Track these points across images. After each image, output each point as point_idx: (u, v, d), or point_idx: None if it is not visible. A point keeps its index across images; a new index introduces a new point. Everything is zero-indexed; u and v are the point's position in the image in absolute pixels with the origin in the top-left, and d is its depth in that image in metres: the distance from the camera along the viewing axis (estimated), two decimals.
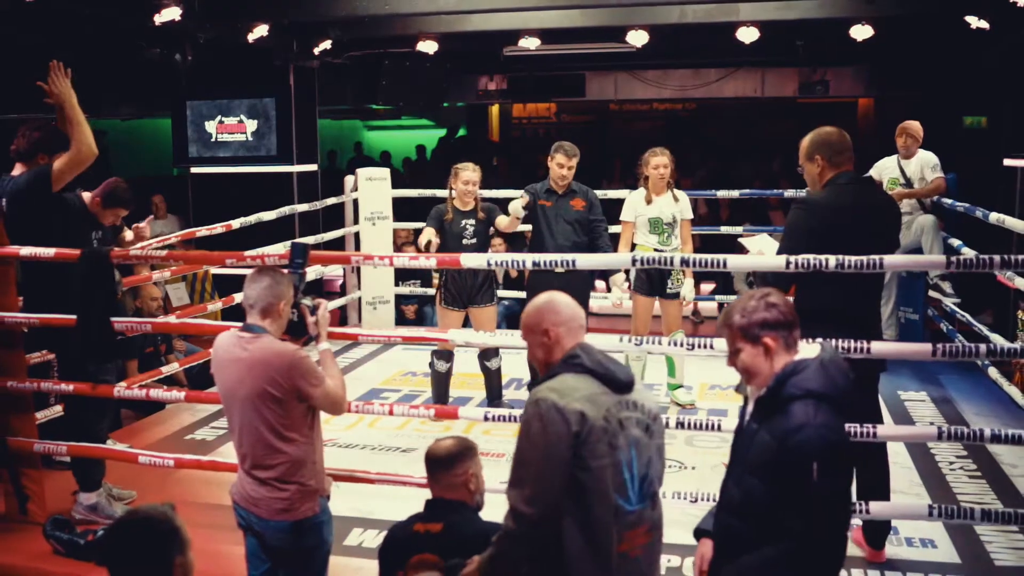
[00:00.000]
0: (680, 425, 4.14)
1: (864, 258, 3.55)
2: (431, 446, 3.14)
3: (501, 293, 8.55)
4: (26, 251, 4.37)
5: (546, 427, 2.60)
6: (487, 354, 6.15)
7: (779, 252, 3.88)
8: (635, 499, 2.66)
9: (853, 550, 4.23)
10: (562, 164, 6.00)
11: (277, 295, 3.42)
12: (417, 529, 3.02)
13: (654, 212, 6.17)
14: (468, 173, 6.07)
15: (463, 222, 6.05)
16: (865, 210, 3.93)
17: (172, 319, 5.75)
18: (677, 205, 6.23)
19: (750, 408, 2.74)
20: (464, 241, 6.03)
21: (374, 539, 4.42)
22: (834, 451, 2.51)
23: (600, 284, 8.82)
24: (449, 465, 3.08)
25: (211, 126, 9.06)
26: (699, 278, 9.50)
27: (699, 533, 2.91)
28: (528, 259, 4.21)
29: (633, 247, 6.25)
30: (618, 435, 2.65)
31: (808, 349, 2.69)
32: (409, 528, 3.05)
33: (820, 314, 3.81)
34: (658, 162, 6.14)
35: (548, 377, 2.75)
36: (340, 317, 8.69)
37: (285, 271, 3.59)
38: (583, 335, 2.84)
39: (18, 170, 4.54)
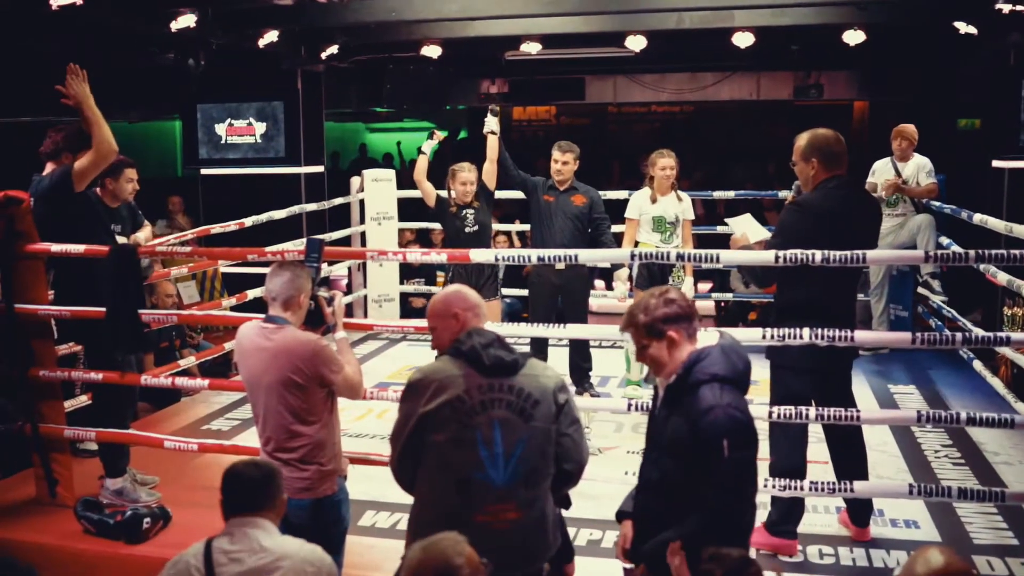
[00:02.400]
0: None
1: (848, 252, 3.78)
2: None
3: (502, 290, 8.77)
4: (57, 248, 4.59)
5: (404, 401, 3.00)
6: None
7: (770, 248, 4.11)
8: (500, 476, 2.91)
9: (840, 530, 4.49)
10: (556, 160, 6.25)
11: (298, 288, 3.65)
12: None
13: (658, 211, 6.38)
14: (465, 174, 6.27)
15: (464, 212, 6.28)
16: (851, 214, 4.14)
17: (196, 313, 5.97)
18: (680, 205, 6.43)
19: (660, 396, 2.96)
20: (467, 229, 6.25)
21: (387, 520, 4.65)
22: (741, 427, 2.75)
23: (599, 283, 9.04)
24: None
25: (221, 128, 9.28)
26: (696, 277, 9.70)
27: (620, 515, 3.12)
28: (533, 254, 4.43)
29: (636, 245, 6.45)
30: (475, 415, 2.92)
31: (707, 337, 2.93)
32: None
33: (799, 308, 4.06)
34: (665, 163, 6.35)
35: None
36: (346, 315, 8.89)
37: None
38: (484, 323, 3.14)
39: (48, 170, 4.76)
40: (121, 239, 5.03)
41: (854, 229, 4.10)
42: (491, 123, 6.28)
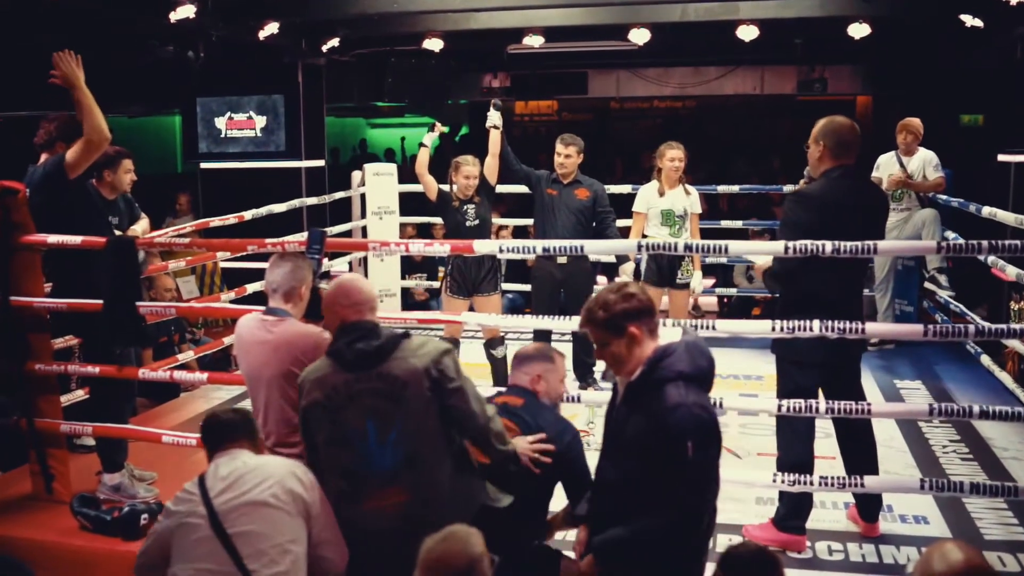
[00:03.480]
0: None
1: (858, 243, 3.71)
2: (522, 347, 3.63)
3: (505, 286, 8.70)
4: (53, 239, 4.52)
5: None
6: (492, 343, 6.29)
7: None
8: (380, 463, 2.99)
9: (848, 526, 4.43)
10: (559, 152, 6.19)
11: (299, 279, 3.59)
12: (499, 401, 3.39)
13: (666, 204, 6.32)
14: (469, 167, 6.19)
15: (465, 207, 6.21)
16: (855, 205, 4.05)
17: (195, 305, 5.91)
18: (688, 198, 6.37)
19: (620, 394, 2.88)
20: (468, 224, 6.18)
21: None
22: (707, 427, 2.69)
23: (602, 279, 8.97)
24: (526, 360, 3.48)
25: (221, 122, 9.20)
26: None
27: (576, 519, 3.08)
28: (538, 245, 4.36)
29: (644, 239, 6.37)
30: (343, 410, 3.01)
31: (670, 333, 2.86)
32: (491, 401, 3.36)
33: (804, 302, 3.98)
34: (674, 155, 6.28)
35: None
36: None
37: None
38: (372, 315, 3.16)
39: (43, 160, 4.70)
40: (118, 232, 4.97)
41: (858, 220, 4.02)
42: (493, 117, 6.21)
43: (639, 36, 8.32)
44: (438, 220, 9.42)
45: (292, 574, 2.85)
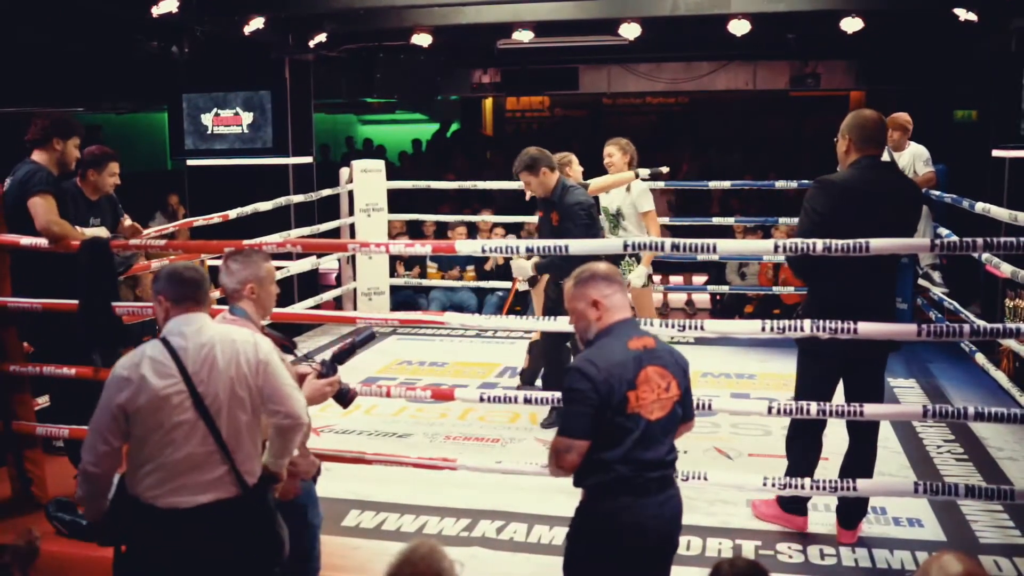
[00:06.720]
0: None
1: (851, 241, 3.62)
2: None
3: (495, 284, 8.61)
4: (27, 241, 4.43)
5: None
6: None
7: (800, 232, 3.96)
8: None
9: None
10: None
11: (239, 280, 3.38)
12: (635, 347, 2.90)
13: (605, 201, 6.29)
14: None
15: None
16: (879, 194, 3.95)
17: None
18: (627, 197, 6.20)
19: None
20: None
21: (371, 520, 4.49)
22: None
23: None
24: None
25: (207, 119, 9.08)
26: (692, 269, 9.59)
27: None
28: (522, 245, 4.28)
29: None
30: None
31: None
32: (624, 349, 2.89)
33: (832, 306, 3.87)
34: (606, 151, 6.20)
35: None
36: (336, 308, 8.75)
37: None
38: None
39: (36, 156, 4.62)
40: (102, 231, 4.87)
41: (884, 209, 3.92)
42: (646, 172, 6.27)
43: (629, 31, 8.21)
44: (428, 218, 9.38)
45: (259, 458, 2.97)
